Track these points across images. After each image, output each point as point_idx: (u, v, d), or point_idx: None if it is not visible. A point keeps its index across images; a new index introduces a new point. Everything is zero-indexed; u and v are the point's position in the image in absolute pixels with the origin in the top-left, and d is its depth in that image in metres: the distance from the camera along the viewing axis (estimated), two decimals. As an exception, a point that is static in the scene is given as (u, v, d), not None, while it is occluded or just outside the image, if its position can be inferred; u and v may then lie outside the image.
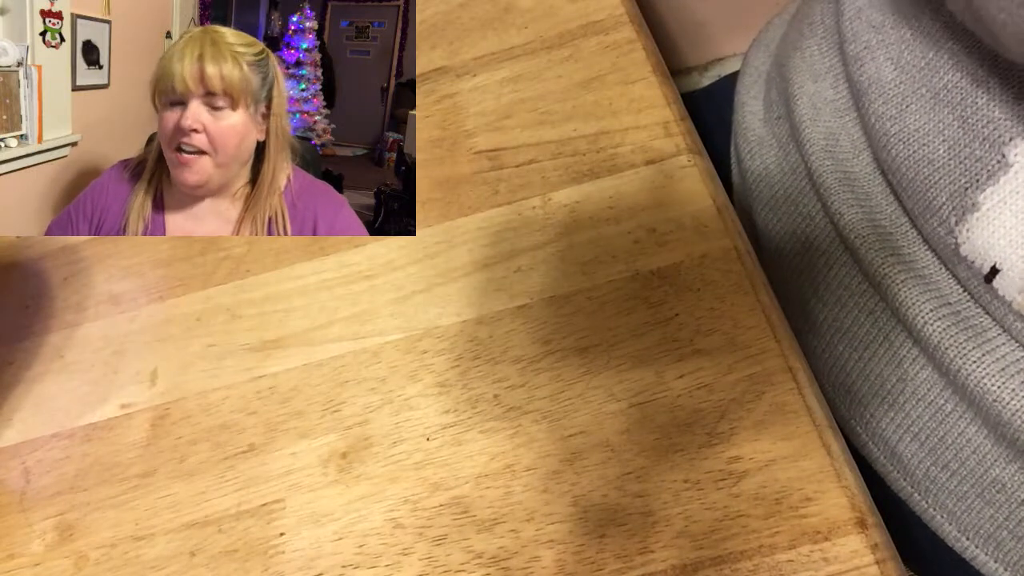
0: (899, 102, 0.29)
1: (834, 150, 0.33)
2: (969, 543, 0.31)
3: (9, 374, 0.37)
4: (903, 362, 0.31)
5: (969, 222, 0.26)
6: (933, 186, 0.27)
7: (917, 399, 0.31)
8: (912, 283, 0.29)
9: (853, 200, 0.32)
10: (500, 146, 0.38)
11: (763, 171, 0.38)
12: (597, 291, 0.33)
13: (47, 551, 0.32)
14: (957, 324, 0.28)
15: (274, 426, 0.33)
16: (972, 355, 0.27)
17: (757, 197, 0.39)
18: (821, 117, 0.34)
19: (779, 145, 0.38)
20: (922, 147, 0.28)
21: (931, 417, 0.30)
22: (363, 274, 0.36)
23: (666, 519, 0.28)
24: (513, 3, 0.44)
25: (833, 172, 0.33)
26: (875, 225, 0.31)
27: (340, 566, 0.29)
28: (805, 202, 0.35)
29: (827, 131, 0.34)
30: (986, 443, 0.29)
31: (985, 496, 0.29)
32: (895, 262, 0.30)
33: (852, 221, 0.32)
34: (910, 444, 0.31)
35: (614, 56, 0.40)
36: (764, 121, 0.39)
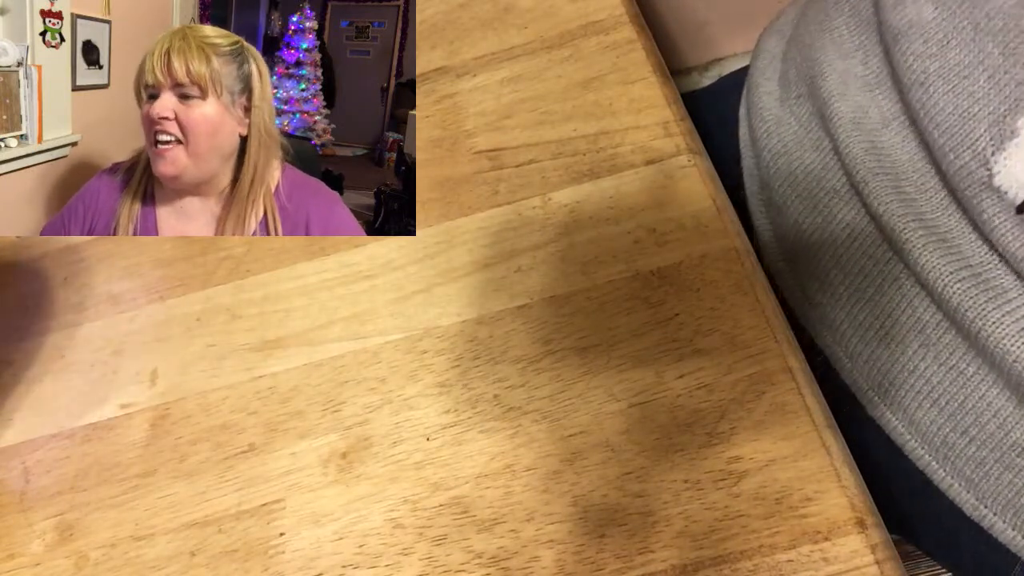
0: (940, 39, 0.29)
1: (862, 122, 0.33)
2: (987, 511, 0.31)
3: (9, 374, 0.37)
4: (926, 327, 0.31)
5: (1008, 149, 0.26)
6: (972, 118, 0.28)
7: (939, 364, 0.31)
8: (933, 246, 0.30)
9: (879, 169, 0.32)
10: (500, 146, 0.38)
11: (781, 148, 0.39)
12: (597, 291, 0.33)
13: (47, 551, 0.32)
14: (977, 286, 0.28)
15: (274, 426, 0.33)
16: (992, 315, 0.28)
17: (775, 174, 0.39)
18: (850, 92, 0.34)
19: (799, 123, 0.38)
20: (963, 80, 0.28)
21: (952, 382, 0.30)
22: (363, 274, 0.36)
23: (666, 519, 0.28)
24: (513, 3, 0.44)
25: (861, 143, 0.33)
26: (900, 192, 0.31)
27: (340, 566, 0.29)
28: (828, 176, 0.36)
29: (856, 105, 0.34)
30: (1007, 406, 0.29)
31: (1005, 461, 0.30)
32: (917, 227, 0.30)
33: (877, 189, 0.32)
34: (929, 410, 0.32)
35: (614, 56, 0.40)
36: (781, 101, 0.40)
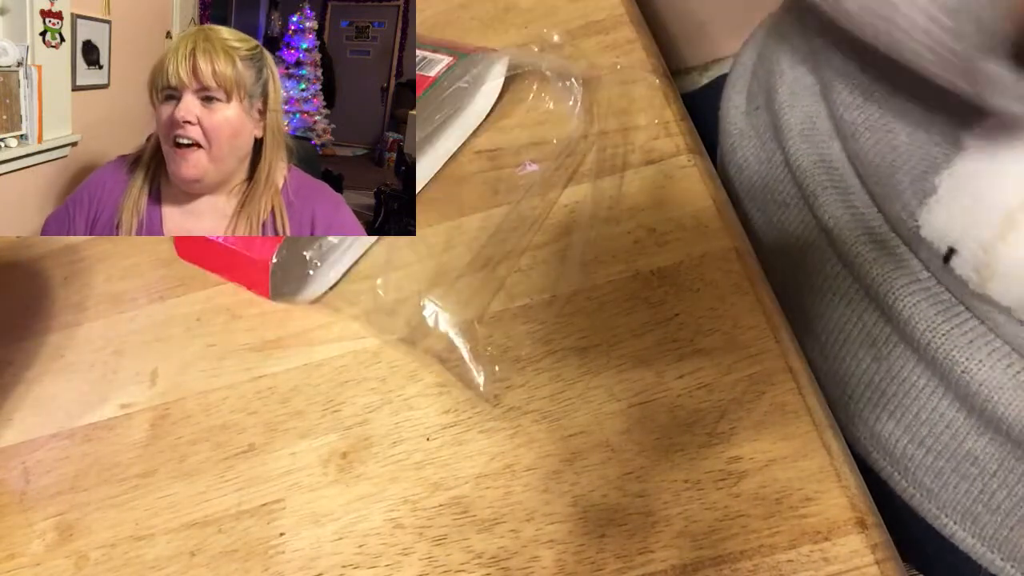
0: (864, 90, 0.30)
1: (811, 134, 0.34)
2: (948, 520, 0.31)
3: (9, 374, 0.37)
4: (876, 340, 0.32)
5: (928, 205, 0.27)
6: (897, 171, 0.28)
7: (891, 377, 0.31)
8: (883, 260, 0.30)
9: (828, 182, 0.33)
10: (500, 146, 0.38)
11: (743, 162, 0.39)
12: (597, 291, 0.33)
13: (47, 551, 0.32)
14: (927, 299, 0.29)
15: (274, 426, 0.33)
16: (942, 328, 0.28)
17: (739, 188, 0.39)
18: (799, 101, 0.35)
19: (757, 135, 0.38)
20: (886, 134, 0.29)
21: (905, 394, 0.31)
22: (363, 274, 0.36)
23: (666, 519, 0.28)
24: (513, 3, 0.44)
25: (809, 155, 0.33)
26: (849, 206, 0.32)
27: (340, 566, 0.29)
28: (781, 188, 0.36)
29: (805, 115, 0.34)
30: (959, 416, 0.29)
31: (960, 470, 0.30)
32: (867, 241, 0.31)
33: (827, 203, 0.32)
34: (887, 423, 0.32)
35: (614, 56, 0.40)
36: (745, 114, 0.40)
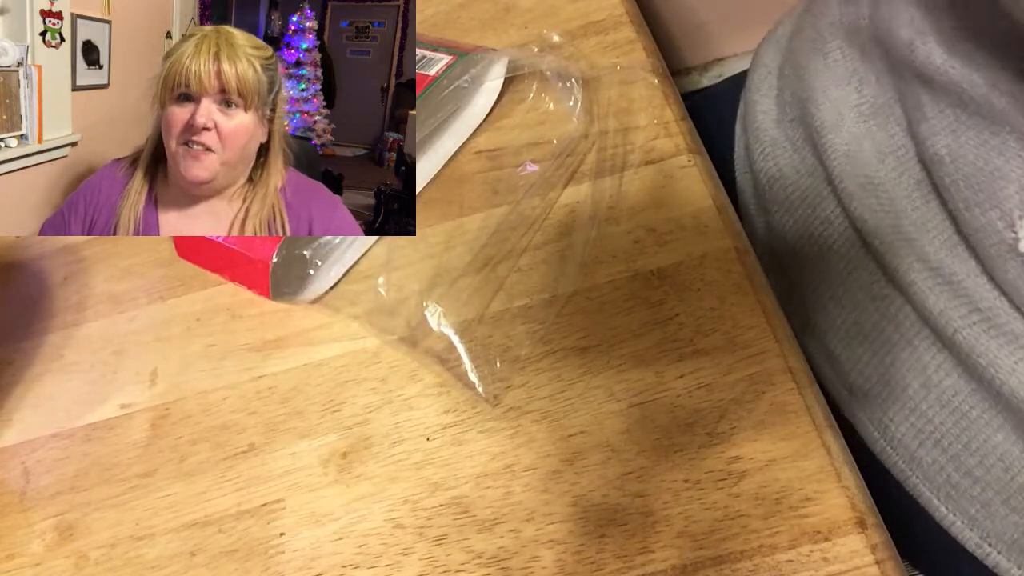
0: (965, 94, 0.28)
1: (857, 156, 0.33)
2: (991, 549, 0.30)
3: (9, 374, 0.37)
4: (927, 368, 0.31)
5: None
6: (1001, 177, 0.27)
7: (941, 405, 0.30)
8: (940, 289, 0.29)
9: (877, 205, 0.31)
10: (500, 146, 0.38)
11: (777, 172, 0.38)
12: (597, 291, 0.33)
13: (47, 551, 0.32)
14: (988, 331, 0.28)
15: (274, 426, 0.33)
16: (1005, 362, 0.27)
17: (772, 199, 0.38)
18: (844, 123, 0.34)
19: (793, 148, 0.38)
20: (993, 136, 0.27)
21: (955, 423, 0.30)
22: (363, 274, 0.36)
23: (666, 519, 0.28)
24: (513, 3, 0.44)
25: (855, 177, 0.32)
26: (899, 231, 0.31)
27: (340, 566, 0.29)
28: (824, 206, 0.35)
29: (850, 136, 0.33)
30: (1013, 450, 0.29)
31: (1011, 503, 0.29)
32: (922, 268, 0.30)
33: (876, 227, 0.31)
34: (931, 450, 0.31)
35: (614, 56, 0.40)
36: (777, 122, 0.39)
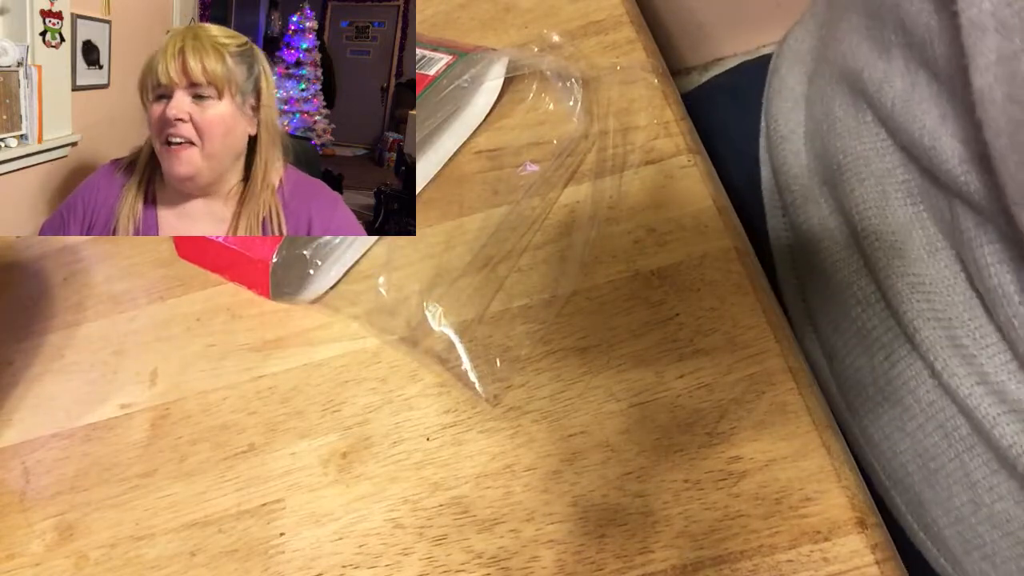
0: None
1: (905, 250, 0.31)
2: None
3: (9, 374, 0.37)
4: (976, 486, 0.30)
5: None
6: None
7: (992, 525, 0.29)
8: (1006, 418, 0.27)
9: (931, 313, 0.30)
10: (500, 146, 0.38)
11: (810, 234, 0.37)
12: (597, 291, 0.33)
13: (47, 551, 0.32)
14: None
15: (274, 426, 0.33)
16: None
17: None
18: (889, 206, 0.32)
19: (828, 207, 0.36)
20: None
21: (1010, 548, 0.29)
22: (363, 274, 0.36)
23: (666, 519, 0.28)
24: (513, 3, 0.44)
25: (904, 277, 0.31)
26: (957, 345, 0.29)
27: (340, 566, 0.29)
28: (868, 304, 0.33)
29: (898, 225, 0.31)
30: None
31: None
32: (985, 392, 0.28)
33: (931, 340, 0.29)
34: (980, 562, 0.30)
35: (614, 56, 0.40)
36: (809, 173, 0.37)
